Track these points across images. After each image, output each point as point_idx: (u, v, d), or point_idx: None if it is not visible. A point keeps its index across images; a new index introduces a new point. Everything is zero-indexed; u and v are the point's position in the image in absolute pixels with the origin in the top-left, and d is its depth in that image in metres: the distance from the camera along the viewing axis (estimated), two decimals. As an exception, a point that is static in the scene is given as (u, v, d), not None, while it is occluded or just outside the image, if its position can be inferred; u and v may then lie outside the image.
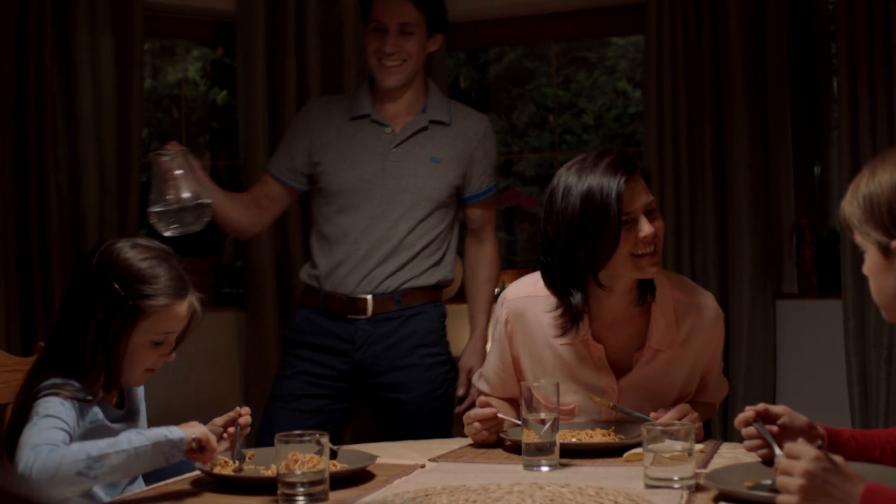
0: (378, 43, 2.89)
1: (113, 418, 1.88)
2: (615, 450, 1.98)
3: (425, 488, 1.69)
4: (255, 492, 1.73)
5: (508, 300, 2.25)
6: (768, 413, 1.78)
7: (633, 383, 2.17)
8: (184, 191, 2.43)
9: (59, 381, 1.80)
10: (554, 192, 2.09)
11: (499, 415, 2.11)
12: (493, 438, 2.13)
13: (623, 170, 2.05)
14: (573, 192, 2.05)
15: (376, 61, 2.91)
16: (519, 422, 2.00)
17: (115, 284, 1.83)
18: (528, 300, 2.22)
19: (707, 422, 2.40)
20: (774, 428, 1.77)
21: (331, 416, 2.90)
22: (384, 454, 2.00)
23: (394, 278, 2.90)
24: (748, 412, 1.78)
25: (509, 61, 5.36)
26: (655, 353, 2.16)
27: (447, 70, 4.14)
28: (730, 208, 3.68)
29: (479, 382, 2.37)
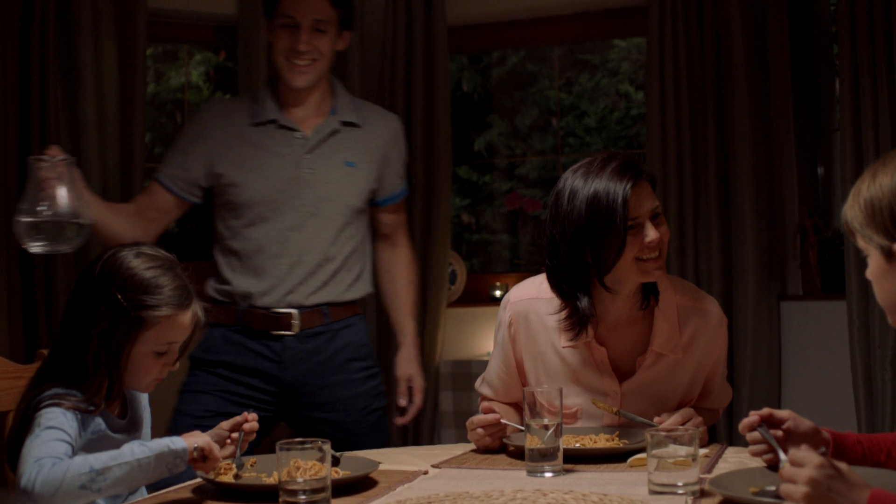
0: (289, 40, 2.72)
1: (115, 428, 1.87)
2: (619, 455, 1.97)
3: (428, 495, 1.69)
4: (257, 499, 1.73)
5: (512, 302, 2.24)
6: (773, 418, 1.78)
7: (636, 387, 2.17)
8: (60, 205, 2.19)
9: (61, 392, 1.79)
10: (560, 195, 2.09)
11: (502, 420, 2.11)
12: (496, 444, 2.12)
13: (629, 175, 2.04)
14: (579, 196, 2.05)
15: (285, 60, 2.74)
16: (522, 427, 1.99)
17: (118, 295, 1.81)
18: (531, 302, 2.21)
19: (712, 426, 2.39)
20: (779, 432, 1.77)
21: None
22: (387, 461, 2.00)
23: (320, 293, 2.76)
24: (752, 417, 1.77)
25: (512, 64, 5.36)
26: (658, 356, 2.15)
27: (449, 74, 4.14)
28: (733, 210, 3.67)
29: (482, 387, 2.36)
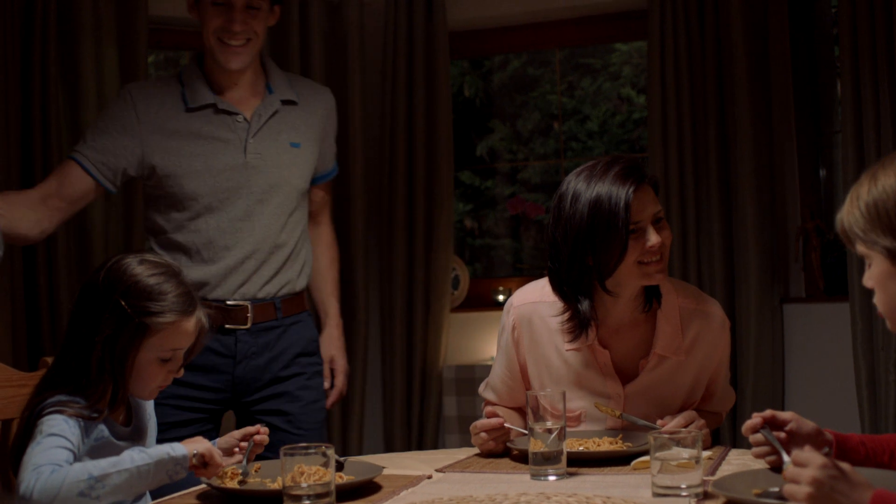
0: (221, 20, 2.57)
1: (119, 435, 1.87)
2: (622, 458, 1.97)
3: (432, 499, 1.68)
4: (262, 505, 1.73)
5: (515, 306, 2.25)
6: (776, 419, 1.78)
7: (639, 390, 2.17)
8: None
9: (64, 399, 1.79)
10: (563, 198, 2.09)
11: (505, 424, 2.11)
12: (499, 448, 2.12)
13: (632, 179, 2.04)
14: (582, 200, 2.05)
15: (216, 41, 2.59)
16: (525, 431, 1.99)
17: (122, 301, 1.82)
18: (534, 306, 2.22)
19: (716, 428, 2.39)
20: (782, 434, 1.77)
21: None
22: (390, 465, 2.00)
23: (273, 283, 2.65)
24: (755, 419, 1.77)
25: (513, 69, 5.36)
26: (661, 359, 2.15)
27: (450, 78, 4.14)
28: (735, 212, 3.67)
29: (486, 392, 2.36)
